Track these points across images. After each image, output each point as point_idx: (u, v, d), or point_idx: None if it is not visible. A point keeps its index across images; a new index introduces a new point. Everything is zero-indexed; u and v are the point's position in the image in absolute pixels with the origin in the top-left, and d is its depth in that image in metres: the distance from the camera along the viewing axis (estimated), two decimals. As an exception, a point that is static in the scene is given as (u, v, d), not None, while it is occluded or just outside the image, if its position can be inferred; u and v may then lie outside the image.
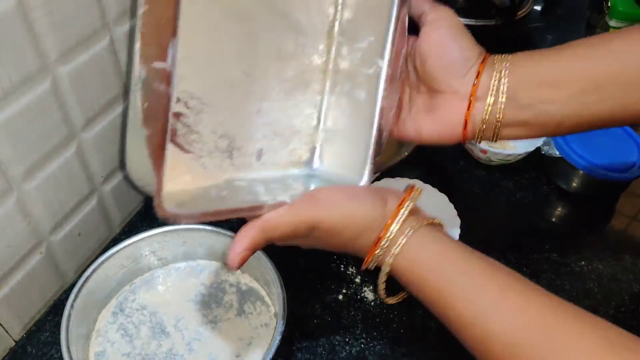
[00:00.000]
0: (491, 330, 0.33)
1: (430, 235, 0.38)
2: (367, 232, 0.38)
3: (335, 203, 0.39)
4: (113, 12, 0.46)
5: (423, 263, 0.37)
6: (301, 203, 0.39)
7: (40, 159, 0.44)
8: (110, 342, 0.47)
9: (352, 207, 0.39)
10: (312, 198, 0.39)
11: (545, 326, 0.32)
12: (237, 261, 0.38)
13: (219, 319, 0.49)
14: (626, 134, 0.67)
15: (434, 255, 0.37)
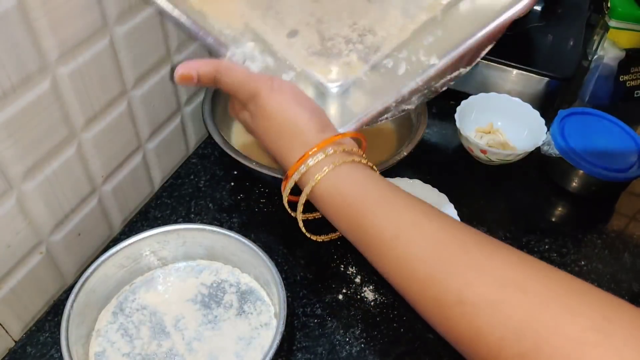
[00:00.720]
0: (413, 250, 0.34)
1: (356, 167, 0.40)
2: (296, 139, 0.40)
3: (284, 92, 0.41)
4: (113, 12, 0.46)
5: (345, 189, 0.38)
6: (260, 74, 0.43)
7: (40, 159, 0.44)
8: (110, 342, 0.47)
9: (293, 105, 0.41)
10: (271, 78, 0.42)
11: (464, 243, 0.34)
12: (179, 73, 0.42)
13: (219, 319, 0.49)
14: (626, 134, 0.67)
15: (357, 182, 0.39)
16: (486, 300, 0.31)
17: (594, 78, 0.76)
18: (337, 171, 0.39)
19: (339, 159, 0.39)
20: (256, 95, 0.41)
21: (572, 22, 0.80)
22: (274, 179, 0.58)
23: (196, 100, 0.65)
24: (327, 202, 0.39)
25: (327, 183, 0.39)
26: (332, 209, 0.39)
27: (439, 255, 0.33)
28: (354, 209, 0.38)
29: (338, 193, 0.39)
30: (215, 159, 0.67)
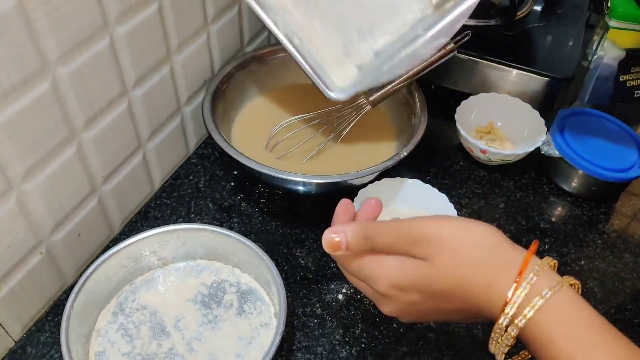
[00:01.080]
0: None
1: (567, 298, 0.34)
2: (497, 273, 0.34)
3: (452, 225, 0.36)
4: (113, 12, 0.46)
5: (557, 336, 0.33)
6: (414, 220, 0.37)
7: (40, 159, 0.44)
8: (111, 342, 0.47)
9: (474, 233, 0.36)
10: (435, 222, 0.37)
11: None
12: (327, 240, 0.38)
13: (219, 319, 0.49)
14: (626, 133, 0.67)
15: (572, 323, 0.33)
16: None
17: (594, 78, 0.75)
18: (545, 311, 0.33)
19: (543, 288, 0.33)
20: (424, 239, 0.36)
21: (572, 22, 0.80)
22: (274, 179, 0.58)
23: (196, 100, 0.65)
24: (535, 349, 0.34)
25: (535, 325, 0.33)
26: (541, 355, 0.34)
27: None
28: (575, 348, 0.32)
29: (549, 341, 0.33)
30: (215, 159, 0.67)
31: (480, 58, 0.71)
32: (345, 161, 0.64)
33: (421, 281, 0.36)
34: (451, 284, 0.35)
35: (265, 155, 0.64)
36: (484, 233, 0.36)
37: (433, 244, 0.36)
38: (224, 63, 0.67)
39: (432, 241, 0.36)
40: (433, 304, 0.37)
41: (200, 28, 0.60)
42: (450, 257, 0.35)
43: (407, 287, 0.37)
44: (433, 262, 0.36)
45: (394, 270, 0.37)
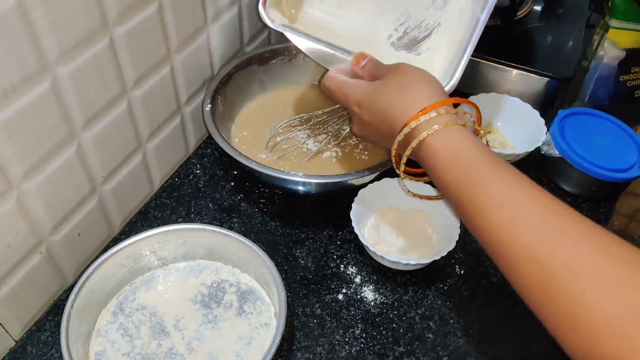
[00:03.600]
0: (518, 214, 0.36)
1: (467, 132, 0.42)
2: (410, 100, 0.44)
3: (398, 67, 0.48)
4: (113, 12, 0.46)
5: (455, 148, 0.41)
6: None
7: (40, 159, 0.44)
8: (111, 342, 0.47)
9: (409, 72, 0.47)
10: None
11: (573, 216, 0.35)
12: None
13: (219, 319, 0.49)
14: (626, 134, 0.67)
15: (468, 145, 0.41)
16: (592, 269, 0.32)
17: (594, 78, 0.75)
18: (449, 131, 0.42)
19: (451, 120, 0.42)
20: (393, 68, 0.48)
21: (572, 22, 0.80)
22: (274, 179, 0.58)
23: (196, 100, 0.65)
24: (435, 159, 0.42)
25: (437, 140, 0.42)
26: (438, 166, 0.42)
27: (546, 222, 0.35)
28: (462, 169, 0.40)
29: (447, 151, 0.41)
30: (215, 159, 0.67)
31: (480, 58, 0.71)
32: (345, 161, 0.64)
33: (372, 96, 0.48)
34: (392, 102, 0.46)
35: (265, 155, 0.64)
36: (430, 79, 0.47)
37: (395, 69, 0.48)
38: (224, 63, 0.67)
39: (397, 68, 0.48)
40: (374, 122, 0.48)
41: (200, 28, 0.60)
42: (398, 80, 0.46)
43: (362, 102, 0.48)
44: (386, 79, 0.47)
45: (359, 88, 0.49)
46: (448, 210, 0.57)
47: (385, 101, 0.46)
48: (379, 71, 0.50)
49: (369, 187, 0.58)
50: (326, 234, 0.60)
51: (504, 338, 0.52)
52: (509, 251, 0.36)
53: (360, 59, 0.52)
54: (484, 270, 0.57)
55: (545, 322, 0.35)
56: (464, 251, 0.59)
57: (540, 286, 0.34)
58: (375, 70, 0.51)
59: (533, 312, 0.36)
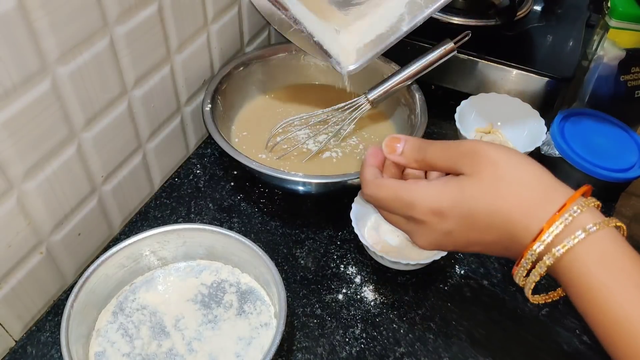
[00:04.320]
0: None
1: (611, 237, 0.33)
2: (540, 201, 0.33)
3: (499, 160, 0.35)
4: (113, 12, 0.46)
5: (592, 270, 0.32)
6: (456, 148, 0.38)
7: (41, 158, 0.44)
8: (111, 342, 0.47)
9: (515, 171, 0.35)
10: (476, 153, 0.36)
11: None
12: (386, 142, 0.41)
13: (219, 319, 0.49)
14: (626, 133, 0.67)
15: (614, 257, 0.32)
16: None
17: (594, 78, 0.75)
18: (601, 237, 0.32)
19: (600, 220, 0.33)
20: (472, 154, 0.36)
21: (572, 22, 0.80)
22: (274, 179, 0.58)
23: (196, 100, 0.65)
24: (581, 282, 0.32)
25: (586, 254, 0.32)
26: (574, 291, 0.33)
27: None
28: (602, 299, 0.31)
29: (583, 274, 0.32)
30: (215, 159, 0.67)
31: (480, 58, 0.71)
32: (345, 161, 0.64)
33: (461, 202, 0.35)
34: (491, 205, 0.34)
35: (265, 155, 0.64)
36: (533, 163, 0.35)
37: (480, 158, 0.35)
38: (224, 63, 0.67)
39: (480, 156, 0.35)
40: (469, 233, 0.36)
41: (200, 28, 0.60)
42: (494, 173, 0.34)
43: (445, 210, 0.36)
44: (477, 176, 0.35)
45: (433, 192, 0.36)
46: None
47: (486, 201, 0.34)
48: (433, 155, 0.38)
49: (369, 187, 0.58)
50: (326, 234, 0.60)
51: (507, 339, 0.52)
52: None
53: (394, 144, 0.41)
54: (485, 271, 0.57)
55: None
56: (464, 251, 0.59)
57: None
58: (423, 153, 0.39)
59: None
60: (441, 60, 0.62)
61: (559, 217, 0.32)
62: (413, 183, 0.38)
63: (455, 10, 0.77)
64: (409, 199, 0.37)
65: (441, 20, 0.77)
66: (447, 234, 0.37)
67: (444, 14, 0.77)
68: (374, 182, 0.40)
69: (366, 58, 0.57)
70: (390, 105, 0.69)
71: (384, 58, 0.69)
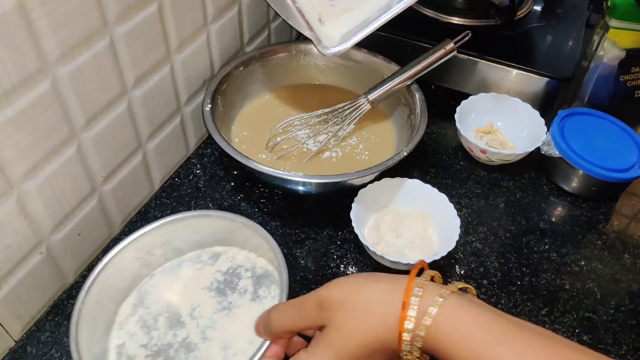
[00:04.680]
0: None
1: (459, 302, 0.35)
2: (389, 303, 0.36)
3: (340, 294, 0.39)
4: (113, 12, 0.46)
5: (458, 332, 0.34)
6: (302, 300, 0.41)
7: (41, 159, 0.44)
8: (130, 334, 0.47)
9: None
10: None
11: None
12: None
13: (233, 305, 0.49)
14: (626, 133, 0.67)
15: (469, 324, 0.34)
16: None
17: (594, 78, 0.75)
18: (451, 304, 0.35)
19: (440, 291, 0.35)
20: (324, 307, 0.39)
21: (572, 22, 0.80)
22: (274, 179, 0.58)
23: (196, 100, 0.65)
24: (442, 346, 0.34)
25: (436, 333, 0.34)
26: (446, 350, 0.35)
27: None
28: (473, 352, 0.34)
29: (452, 347, 0.34)
30: (215, 159, 0.67)
31: (480, 58, 0.71)
32: (345, 161, 0.64)
33: (339, 353, 0.37)
34: (358, 336, 0.37)
35: (265, 155, 0.64)
36: (369, 278, 0.39)
37: (329, 307, 0.38)
38: (224, 63, 0.67)
39: (328, 304, 0.39)
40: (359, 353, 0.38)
41: (200, 28, 0.60)
42: (345, 311, 0.38)
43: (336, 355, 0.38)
44: (334, 324, 0.38)
45: (314, 354, 0.38)
46: (448, 210, 0.57)
47: (355, 338, 0.37)
48: (280, 321, 0.41)
49: (369, 187, 0.58)
50: (326, 234, 0.60)
51: (504, 338, 0.52)
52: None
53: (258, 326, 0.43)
54: (485, 271, 0.57)
55: None
56: (464, 251, 0.59)
57: None
58: (270, 323, 0.41)
59: None
60: (441, 60, 0.62)
61: (408, 305, 0.35)
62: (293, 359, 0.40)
63: (455, 10, 0.77)
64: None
65: (441, 20, 0.77)
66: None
67: (444, 14, 0.77)
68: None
69: (351, 42, 0.57)
70: (390, 105, 0.69)
71: (384, 58, 0.69)
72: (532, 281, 0.56)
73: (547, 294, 0.56)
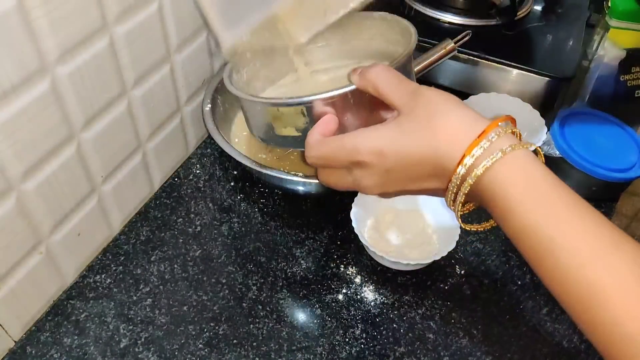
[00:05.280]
0: (600, 278, 0.31)
1: (526, 156, 0.35)
2: (463, 129, 0.36)
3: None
4: (112, 11, 0.46)
5: (515, 187, 0.34)
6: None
7: (40, 158, 0.44)
8: None
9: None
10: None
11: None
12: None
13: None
14: (626, 133, 0.67)
15: (530, 182, 0.34)
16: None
17: (594, 78, 0.75)
18: (516, 157, 0.34)
19: (515, 143, 0.35)
20: (411, 93, 0.39)
21: (572, 22, 0.80)
22: (274, 179, 0.58)
23: (196, 100, 0.65)
24: (501, 196, 0.35)
25: (504, 172, 0.34)
26: (507, 206, 0.34)
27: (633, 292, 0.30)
28: (537, 211, 0.33)
29: (518, 185, 0.34)
30: (215, 159, 0.67)
31: (480, 58, 0.71)
32: (345, 161, 0.64)
33: (398, 139, 0.38)
34: (422, 139, 0.37)
35: (265, 155, 0.64)
36: (465, 107, 0.38)
37: (417, 97, 0.38)
38: (224, 62, 0.67)
39: (417, 95, 0.39)
40: (406, 169, 0.38)
41: (200, 28, 0.60)
42: (427, 109, 0.38)
43: (384, 149, 0.38)
44: (412, 114, 0.38)
45: (374, 134, 0.39)
46: (448, 210, 0.57)
47: (418, 136, 0.37)
48: (384, 81, 0.41)
49: (369, 187, 0.58)
50: (326, 234, 0.60)
51: (507, 338, 0.52)
52: (597, 322, 0.31)
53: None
54: (485, 270, 0.57)
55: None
56: (464, 251, 0.59)
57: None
58: (376, 78, 0.41)
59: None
60: (441, 60, 0.62)
61: (479, 142, 0.35)
62: (353, 132, 0.40)
63: (455, 10, 0.77)
64: (352, 145, 0.39)
65: (442, 20, 0.77)
66: (387, 172, 0.39)
67: (445, 14, 0.77)
68: (318, 141, 0.42)
69: (316, 29, 0.54)
70: (390, 105, 0.69)
71: (384, 58, 0.69)
72: (533, 280, 0.56)
73: (548, 293, 0.55)
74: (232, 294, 0.54)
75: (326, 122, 0.43)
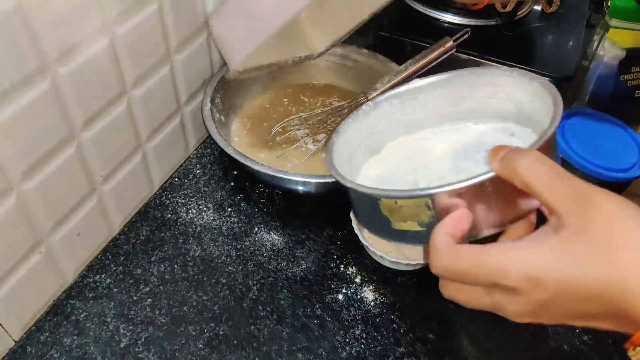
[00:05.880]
0: None
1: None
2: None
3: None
4: (113, 12, 0.46)
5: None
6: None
7: (40, 158, 0.44)
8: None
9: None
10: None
11: None
12: None
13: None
14: (626, 133, 0.67)
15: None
16: None
17: (594, 78, 0.75)
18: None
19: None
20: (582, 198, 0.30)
21: (573, 21, 0.80)
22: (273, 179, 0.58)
23: (196, 100, 0.64)
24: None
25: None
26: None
27: None
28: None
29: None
30: (215, 159, 0.67)
31: (480, 58, 0.71)
32: (345, 161, 0.64)
33: (563, 267, 0.29)
34: (602, 273, 0.29)
35: (264, 155, 0.64)
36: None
37: (590, 208, 0.29)
38: (224, 63, 0.67)
39: (591, 205, 0.30)
40: (572, 304, 0.30)
41: (200, 28, 0.60)
42: (607, 231, 0.29)
43: (543, 277, 0.29)
44: (585, 234, 0.29)
45: (529, 254, 0.30)
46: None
47: (595, 267, 0.29)
48: (533, 173, 0.32)
49: (369, 187, 0.58)
50: (326, 234, 0.60)
51: (508, 339, 0.52)
52: None
53: (499, 150, 0.33)
54: (485, 270, 0.57)
55: None
56: (464, 251, 0.59)
57: None
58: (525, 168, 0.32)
59: None
60: (440, 59, 0.62)
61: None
62: (498, 246, 0.32)
63: (455, 10, 0.77)
64: (497, 265, 0.31)
65: (442, 20, 0.77)
66: (544, 304, 0.30)
67: (444, 14, 0.77)
68: (451, 250, 0.33)
69: (331, 41, 0.57)
70: (390, 105, 0.69)
71: (383, 57, 0.69)
72: (532, 281, 0.56)
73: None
74: (232, 294, 0.54)
75: (458, 219, 0.34)
